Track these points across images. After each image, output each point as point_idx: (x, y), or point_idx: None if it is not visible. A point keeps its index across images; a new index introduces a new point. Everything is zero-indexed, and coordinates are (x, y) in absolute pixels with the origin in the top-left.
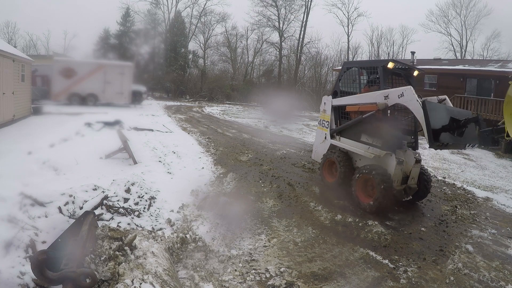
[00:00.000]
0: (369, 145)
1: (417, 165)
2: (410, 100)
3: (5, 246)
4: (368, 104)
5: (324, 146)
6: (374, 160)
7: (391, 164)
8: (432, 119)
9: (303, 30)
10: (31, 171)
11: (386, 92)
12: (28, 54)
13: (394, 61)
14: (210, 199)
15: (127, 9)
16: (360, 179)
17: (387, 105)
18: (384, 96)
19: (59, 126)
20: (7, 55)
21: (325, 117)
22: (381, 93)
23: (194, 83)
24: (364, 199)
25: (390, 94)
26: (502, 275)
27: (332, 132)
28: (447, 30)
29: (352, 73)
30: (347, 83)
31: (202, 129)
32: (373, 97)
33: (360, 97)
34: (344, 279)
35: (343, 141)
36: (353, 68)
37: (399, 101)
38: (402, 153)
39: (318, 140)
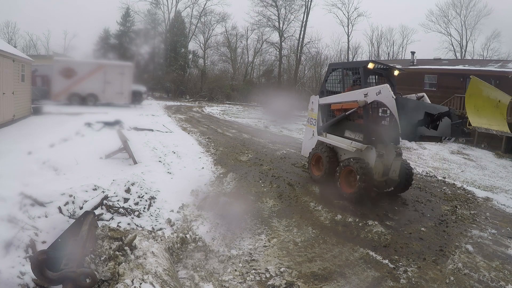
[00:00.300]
0: (351, 140)
1: (397, 158)
2: (386, 97)
3: (5, 246)
4: (350, 102)
5: (312, 142)
6: (356, 154)
7: (371, 157)
8: (405, 114)
9: (303, 30)
10: (31, 171)
11: (366, 90)
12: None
13: (374, 62)
14: (210, 199)
15: (127, 9)
16: (343, 171)
17: (366, 102)
18: (364, 94)
19: (59, 126)
20: (7, 55)
21: (313, 115)
22: (361, 91)
23: (194, 83)
24: (346, 190)
25: (369, 92)
26: (502, 275)
27: (319, 129)
28: (447, 30)
29: (337, 74)
30: (333, 83)
31: (202, 129)
32: (354, 95)
33: (343, 96)
34: (344, 279)
35: (329, 137)
36: (338, 69)
37: (377, 98)
38: (383, 147)
39: (307, 137)
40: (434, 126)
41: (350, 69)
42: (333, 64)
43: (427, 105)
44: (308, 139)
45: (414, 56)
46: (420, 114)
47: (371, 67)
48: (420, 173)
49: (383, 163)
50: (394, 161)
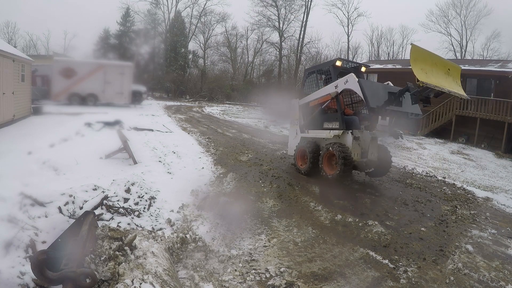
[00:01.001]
0: (330, 130)
1: (373, 141)
2: (352, 83)
3: (5, 246)
4: (324, 96)
5: (296, 140)
6: (334, 139)
7: (348, 140)
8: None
9: (303, 30)
10: (31, 171)
11: (335, 82)
12: (28, 54)
13: (341, 60)
14: (210, 199)
15: (127, 9)
16: (325, 156)
17: (337, 93)
18: (335, 86)
19: (59, 126)
20: (7, 55)
21: (295, 116)
22: (332, 84)
23: (194, 83)
24: (329, 172)
25: (338, 83)
26: (502, 275)
27: (301, 127)
28: (447, 30)
29: (313, 77)
30: (310, 86)
31: (202, 129)
32: (327, 89)
33: (317, 93)
34: (344, 279)
35: (310, 132)
36: (313, 72)
37: (346, 86)
38: (358, 132)
39: (291, 137)
40: (398, 103)
41: (323, 70)
42: (308, 69)
43: (389, 86)
44: (293, 138)
45: None
46: (384, 94)
47: (339, 65)
48: (420, 173)
49: (360, 145)
50: (370, 143)
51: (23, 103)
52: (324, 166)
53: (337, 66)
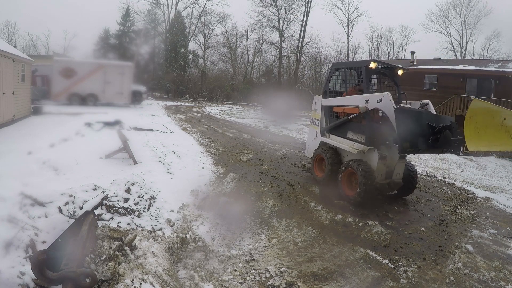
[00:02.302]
0: (354, 141)
1: (401, 161)
2: (386, 106)
3: (5, 246)
4: (352, 106)
5: (315, 143)
6: (358, 155)
7: (373, 159)
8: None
9: (303, 30)
10: (31, 171)
11: (367, 96)
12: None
13: (376, 61)
14: (210, 199)
15: (127, 9)
16: (345, 173)
17: (367, 109)
18: (365, 100)
19: (59, 126)
20: (7, 55)
21: (316, 115)
22: (363, 97)
23: (194, 83)
24: (348, 192)
25: (370, 99)
26: (502, 275)
27: (322, 130)
28: (447, 30)
29: (340, 74)
30: (336, 83)
31: (202, 129)
32: (356, 100)
33: (345, 99)
34: (344, 279)
35: (332, 138)
36: (341, 69)
37: (378, 106)
38: (386, 149)
39: (310, 138)
40: (435, 139)
41: (353, 68)
42: (336, 64)
43: (429, 115)
44: (312, 140)
45: (414, 56)
46: (420, 126)
47: (373, 67)
48: (420, 173)
49: (385, 165)
50: (397, 163)
51: (23, 103)
52: (343, 184)
53: (371, 69)
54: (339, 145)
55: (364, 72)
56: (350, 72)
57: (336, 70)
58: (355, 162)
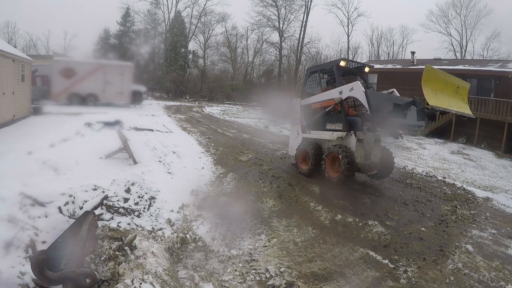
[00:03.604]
0: (333, 131)
1: (377, 143)
2: (357, 92)
3: (5, 246)
4: (328, 100)
5: (297, 140)
6: (338, 141)
7: (352, 142)
8: (374, 103)
9: (303, 30)
10: (31, 171)
11: (340, 88)
12: (28, 54)
13: (345, 60)
14: (210, 199)
15: (127, 9)
16: (328, 158)
17: (341, 99)
18: (339, 92)
19: (59, 126)
20: (7, 55)
21: (296, 116)
22: (336, 90)
23: (194, 83)
24: (332, 174)
25: (343, 90)
26: (502, 275)
27: (303, 128)
28: (447, 30)
29: (315, 76)
30: (312, 85)
31: (202, 129)
32: (330, 94)
33: (321, 96)
34: (344, 279)
35: (312, 133)
36: (315, 71)
37: (350, 94)
38: (361, 133)
39: (292, 137)
40: (403, 115)
41: (325, 70)
42: (311, 68)
43: (395, 97)
44: (294, 138)
45: (414, 56)
46: (389, 105)
47: (343, 64)
48: (420, 173)
49: (363, 147)
50: (374, 146)
51: (23, 103)
52: (327, 169)
53: (341, 66)
54: (320, 136)
55: (336, 69)
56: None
57: (312, 74)
58: (336, 146)
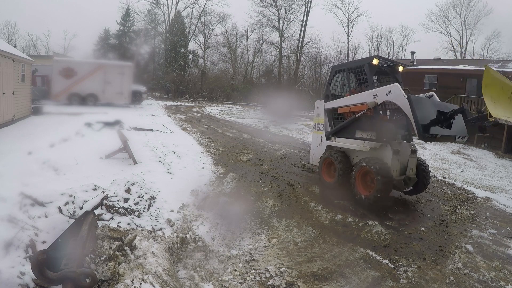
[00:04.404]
0: (364, 140)
1: (413, 155)
2: (397, 96)
3: (5, 246)
4: (359, 104)
5: (320, 148)
6: (370, 153)
7: (387, 155)
8: (419, 112)
9: (303, 30)
10: (31, 171)
11: (375, 91)
12: (28, 54)
13: (379, 57)
14: (210, 199)
15: (127, 9)
16: (359, 173)
17: (376, 103)
18: (373, 95)
19: (59, 126)
20: (7, 55)
21: (319, 120)
22: (370, 92)
23: (194, 83)
24: (364, 192)
25: (379, 93)
26: (502, 275)
27: (328, 134)
28: (447, 30)
29: (341, 76)
30: (337, 86)
31: (202, 129)
32: (362, 97)
33: (350, 99)
34: (344, 279)
35: (339, 140)
36: (341, 70)
37: (387, 98)
38: (397, 144)
39: (315, 144)
40: (448, 125)
41: (354, 68)
42: (336, 66)
43: (438, 103)
44: (316, 146)
45: (414, 56)
46: (433, 113)
47: (375, 63)
48: None
49: (399, 160)
50: (410, 158)
51: (23, 103)
52: (357, 185)
53: (374, 65)
54: (348, 146)
55: (368, 68)
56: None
57: (337, 73)
58: (369, 159)
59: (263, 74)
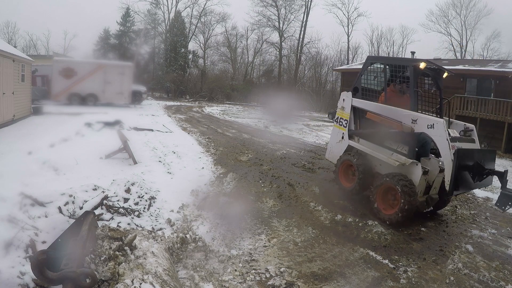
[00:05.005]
0: (393, 151)
1: (440, 175)
2: (439, 136)
3: (5, 246)
4: (393, 120)
5: (340, 146)
6: (398, 169)
7: (416, 174)
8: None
9: (303, 30)
10: (31, 171)
11: (416, 116)
12: (28, 54)
13: (427, 61)
14: (210, 199)
15: (127, 9)
16: (381, 188)
17: (413, 130)
18: (412, 119)
19: (59, 126)
20: (7, 55)
21: (344, 115)
22: (410, 114)
23: (194, 83)
24: (385, 210)
25: (419, 120)
26: (502, 275)
27: (352, 133)
28: (447, 30)
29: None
30: (370, 80)
31: (202, 129)
32: (400, 114)
33: (384, 109)
34: (344, 279)
35: (363, 143)
36: (377, 64)
37: (427, 131)
38: (426, 161)
39: (334, 139)
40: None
41: (395, 66)
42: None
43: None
44: (336, 142)
45: (414, 56)
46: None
47: (422, 67)
48: None
49: (426, 180)
50: (436, 178)
51: (23, 103)
52: (378, 200)
53: (420, 69)
54: (372, 152)
55: (412, 72)
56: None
57: (372, 64)
58: (396, 177)
59: (263, 74)
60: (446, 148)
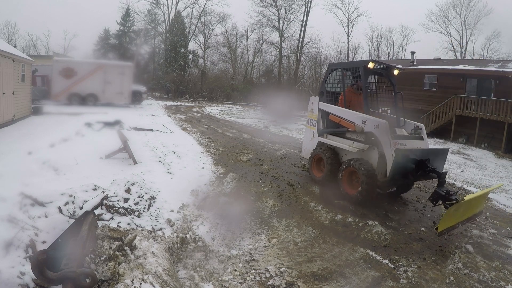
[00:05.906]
0: (353, 140)
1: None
2: (382, 135)
3: (5, 246)
4: (348, 121)
5: (312, 143)
6: (358, 154)
7: (374, 157)
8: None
9: (303, 30)
10: (31, 171)
11: (365, 117)
12: (28, 54)
13: (374, 61)
14: (210, 199)
15: (127, 9)
16: (345, 172)
17: (363, 130)
18: (363, 120)
19: (59, 126)
20: (7, 55)
21: (313, 116)
22: (361, 116)
23: (194, 83)
24: (349, 191)
25: (368, 121)
26: (502, 275)
27: (320, 131)
28: (447, 30)
29: (337, 74)
30: (333, 84)
31: (202, 129)
32: (353, 116)
33: (341, 111)
34: (344, 279)
35: (330, 138)
36: (337, 69)
37: (373, 131)
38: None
39: (307, 138)
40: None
41: (350, 69)
42: (333, 65)
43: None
44: (309, 140)
45: (414, 56)
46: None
47: (371, 67)
48: None
49: (385, 162)
50: None
51: (23, 103)
52: (343, 183)
53: (369, 68)
54: (337, 144)
55: (363, 72)
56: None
57: (333, 71)
58: (357, 161)
59: (263, 74)
60: (387, 144)
